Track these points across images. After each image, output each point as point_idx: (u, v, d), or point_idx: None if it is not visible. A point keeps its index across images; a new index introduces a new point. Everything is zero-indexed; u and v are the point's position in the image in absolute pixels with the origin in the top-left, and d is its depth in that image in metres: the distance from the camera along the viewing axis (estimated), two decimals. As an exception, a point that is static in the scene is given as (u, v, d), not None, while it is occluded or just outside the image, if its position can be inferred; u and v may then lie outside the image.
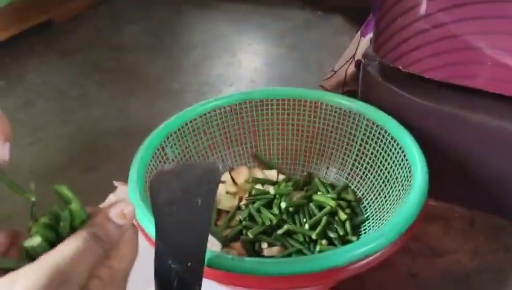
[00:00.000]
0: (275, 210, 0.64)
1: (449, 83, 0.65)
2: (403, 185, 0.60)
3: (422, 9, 0.60)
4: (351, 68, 0.96)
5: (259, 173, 0.73)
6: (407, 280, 0.62)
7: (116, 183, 0.71)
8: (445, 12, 0.59)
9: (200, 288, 0.39)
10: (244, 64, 1.20)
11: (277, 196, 0.66)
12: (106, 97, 1.05)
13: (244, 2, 1.55)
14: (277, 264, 0.44)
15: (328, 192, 0.68)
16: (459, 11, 0.58)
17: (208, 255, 0.43)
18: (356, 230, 0.64)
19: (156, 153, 0.62)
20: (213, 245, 0.60)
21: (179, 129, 0.67)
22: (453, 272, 0.63)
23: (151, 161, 0.60)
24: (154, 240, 0.38)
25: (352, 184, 0.71)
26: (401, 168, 0.62)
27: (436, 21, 0.60)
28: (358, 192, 0.69)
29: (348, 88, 0.98)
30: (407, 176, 0.59)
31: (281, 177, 0.74)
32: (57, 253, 0.29)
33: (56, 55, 1.24)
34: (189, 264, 0.39)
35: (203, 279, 0.38)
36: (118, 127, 0.95)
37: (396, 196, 0.61)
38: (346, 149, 0.71)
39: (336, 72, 1.00)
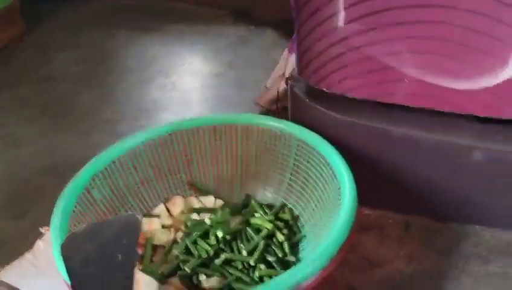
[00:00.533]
0: (212, 240, 0.64)
1: (371, 100, 0.67)
2: (333, 203, 0.62)
3: (337, 34, 0.62)
4: (283, 85, 0.97)
5: (195, 202, 0.72)
6: (347, 295, 0.63)
7: (42, 229, 0.68)
8: (359, 36, 0.61)
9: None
10: (178, 86, 1.19)
11: (213, 225, 0.65)
12: (36, 134, 1.01)
13: (178, 22, 1.54)
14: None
15: (265, 213, 0.69)
16: (371, 34, 0.61)
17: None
18: (295, 249, 0.65)
19: (80, 198, 0.60)
20: (149, 285, 0.59)
21: (105, 168, 0.65)
22: (390, 281, 0.65)
23: (75, 207, 0.58)
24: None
25: (289, 202, 0.71)
26: (331, 186, 0.63)
27: (351, 44, 0.62)
28: (295, 210, 0.70)
29: (281, 104, 0.99)
30: (337, 194, 0.61)
31: (219, 202, 0.74)
32: None
33: (-20, 95, 1.19)
34: (116, 318, 0.38)
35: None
36: (49, 165, 0.91)
37: (329, 212, 0.62)
38: (281, 169, 0.72)
39: (268, 88, 1.01)
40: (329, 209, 0.62)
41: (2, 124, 1.05)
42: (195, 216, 0.69)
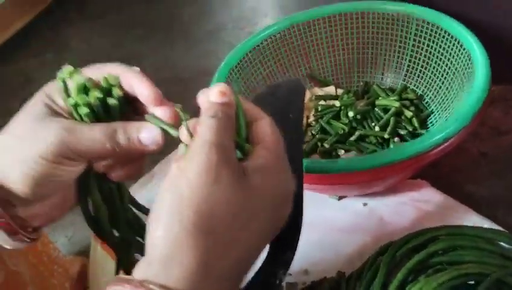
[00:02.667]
0: (344, 120, 0.68)
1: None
2: (464, 73, 0.63)
3: None
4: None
5: (319, 91, 0.76)
6: (479, 160, 0.66)
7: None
8: None
9: (302, 192, 0.44)
10: (273, -8, 1.20)
11: (343, 107, 0.69)
12: (152, 49, 1.09)
13: None
14: (366, 159, 0.49)
15: (388, 95, 0.72)
16: None
17: (304, 163, 0.47)
18: (424, 124, 0.68)
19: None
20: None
21: (238, 64, 0.70)
22: (521, 146, 0.67)
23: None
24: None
25: (410, 84, 0.73)
26: (460, 59, 0.64)
27: None
28: (418, 90, 0.72)
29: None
30: (467, 64, 0.62)
31: (339, 91, 0.77)
32: (203, 136, 0.32)
33: (91, 19, 1.27)
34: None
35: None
36: (169, 75, 0.99)
37: (458, 85, 0.64)
38: (399, 52, 0.73)
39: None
40: (459, 82, 0.64)
41: (118, 44, 1.13)
42: (322, 103, 0.73)
